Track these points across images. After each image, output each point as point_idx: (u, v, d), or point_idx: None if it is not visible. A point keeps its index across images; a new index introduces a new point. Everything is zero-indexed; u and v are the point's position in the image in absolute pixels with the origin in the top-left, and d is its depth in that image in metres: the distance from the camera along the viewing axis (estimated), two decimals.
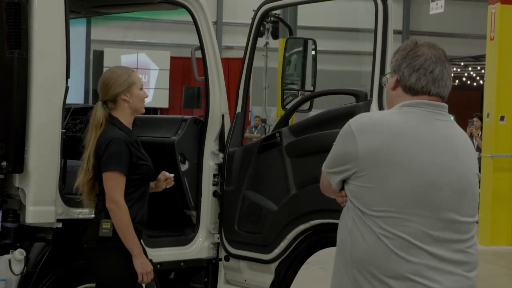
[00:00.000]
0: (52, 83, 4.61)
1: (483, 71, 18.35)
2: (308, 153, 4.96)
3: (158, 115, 15.22)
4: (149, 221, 5.14)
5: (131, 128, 4.31)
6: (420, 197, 2.89)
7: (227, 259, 5.47)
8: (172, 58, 23.70)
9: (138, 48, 23.61)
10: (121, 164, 4.00)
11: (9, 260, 4.48)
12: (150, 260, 4.38)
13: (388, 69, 4.67)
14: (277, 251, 5.13)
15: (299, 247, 5.13)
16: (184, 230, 5.55)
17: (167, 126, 5.85)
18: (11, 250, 4.54)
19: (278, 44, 19.17)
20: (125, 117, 4.23)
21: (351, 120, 3.08)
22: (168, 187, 4.66)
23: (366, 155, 2.93)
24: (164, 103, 23.06)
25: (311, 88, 5.66)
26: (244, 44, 5.69)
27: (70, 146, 4.80)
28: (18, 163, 4.48)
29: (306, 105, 5.56)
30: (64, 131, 4.77)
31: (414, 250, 2.88)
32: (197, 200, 5.52)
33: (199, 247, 5.47)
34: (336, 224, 4.69)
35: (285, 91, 5.61)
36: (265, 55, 19.92)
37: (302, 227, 5.00)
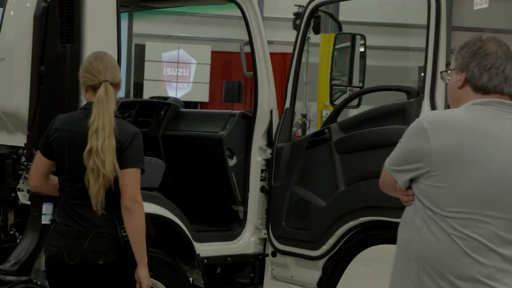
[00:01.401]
0: None
1: None
2: (358, 149, 4.94)
3: (206, 110, 15.20)
4: (196, 215, 5.20)
5: None
6: (495, 197, 2.83)
7: (274, 255, 5.47)
8: (212, 52, 23.73)
9: (179, 42, 23.68)
10: (143, 161, 3.73)
11: None
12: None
13: (441, 65, 4.69)
14: (325, 248, 5.11)
15: (348, 244, 5.10)
16: (231, 225, 5.57)
17: (215, 120, 5.86)
18: None
19: (319, 39, 19.11)
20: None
21: (421, 117, 3.01)
22: None
23: (440, 154, 2.87)
24: (204, 97, 23.10)
25: (359, 84, 5.64)
26: (285, 39, 5.69)
27: None
28: None
29: (354, 101, 5.51)
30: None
31: (486, 252, 2.84)
32: (244, 195, 5.52)
33: (246, 242, 5.48)
34: (386, 222, 4.72)
35: (333, 87, 5.56)
36: (306, 50, 19.87)
37: (350, 224, 4.97)
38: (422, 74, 4.96)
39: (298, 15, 19.00)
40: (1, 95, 4.71)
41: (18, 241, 4.71)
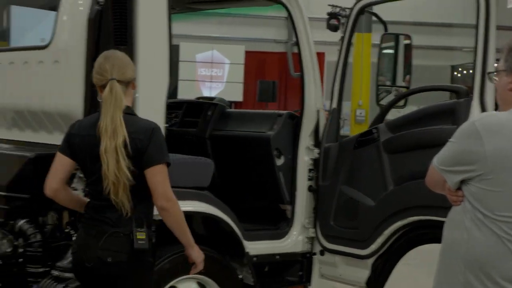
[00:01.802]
0: (155, 78, 4.65)
1: None
2: (407, 149, 4.94)
3: (252, 110, 15.15)
4: (244, 214, 5.22)
5: None
6: None
7: (322, 253, 5.49)
8: (246, 52, 23.73)
9: (213, 42, 23.71)
10: (168, 156, 3.59)
11: None
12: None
13: (490, 65, 4.67)
14: (374, 247, 5.13)
15: (397, 243, 5.10)
16: (278, 224, 5.58)
17: (262, 121, 5.87)
18: None
19: (353, 39, 19.06)
20: (131, 106, 3.80)
21: (474, 119, 3.00)
22: None
23: (494, 157, 2.85)
24: (238, 96, 23.07)
25: (403, 84, 5.63)
26: (319, 39, 5.67)
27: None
28: None
29: (400, 101, 5.52)
30: (167, 125, 4.83)
31: None
32: (292, 194, 5.53)
33: (294, 241, 5.50)
34: (436, 221, 4.70)
35: (379, 87, 5.56)
36: (338, 50, 19.77)
37: (399, 223, 4.98)
38: (457, 73, 4.96)
39: (332, 15, 18.94)
40: (55, 96, 4.74)
41: (73, 238, 4.61)
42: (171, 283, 4.83)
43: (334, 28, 20.04)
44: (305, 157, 5.50)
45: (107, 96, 3.54)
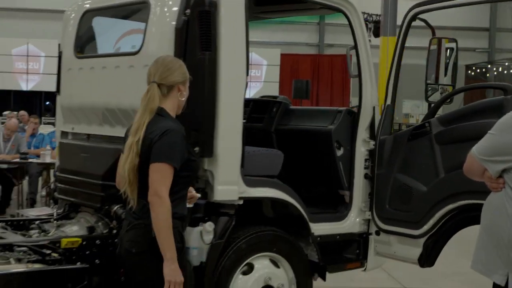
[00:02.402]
0: (235, 80, 4.64)
1: None
2: (458, 141, 4.84)
3: (312, 107, 14.74)
4: (307, 200, 5.19)
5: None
6: None
7: (377, 233, 5.45)
8: (282, 54, 23.68)
9: (251, 45, 23.67)
10: (173, 157, 3.34)
11: (200, 232, 4.54)
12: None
13: None
14: (426, 228, 5.07)
15: (447, 224, 5.05)
16: (338, 208, 5.54)
17: (323, 116, 5.81)
18: (200, 223, 4.59)
19: (379, 41, 18.88)
20: (172, 109, 3.57)
21: None
22: (189, 205, 3.84)
23: None
24: (274, 94, 23.10)
25: (451, 83, 5.56)
26: (345, 42, 5.56)
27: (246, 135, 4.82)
28: (209, 149, 4.54)
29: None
30: (245, 121, 4.83)
31: None
32: (350, 181, 5.49)
33: (352, 222, 5.46)
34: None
35: (427, 85, 5.48)
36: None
37: (450, 206, 4.92)
38: (471, 71, 4.88)
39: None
40: None
41: None
42: (247, 260, 4.80)
43: None
44: (361, 148, 5.46)
45: (143, 98, 3.48)
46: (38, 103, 24.18)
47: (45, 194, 11.65)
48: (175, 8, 4.61)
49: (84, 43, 5.62)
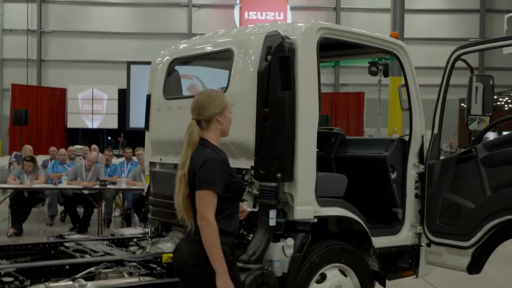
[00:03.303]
0: (310, 114, 4.54)
1: None
2: (503, 163, 4.73)
3: (367, 137, 14.24)
4: (366, 216, 5.04)
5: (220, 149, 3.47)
6: None
7: (428, 245, 5.29)
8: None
9: None
10: (214, 183, 3.19)
11: (282, 246, 4.44)
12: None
13: None
14: (474, 240, 4.92)
15: (493, 236, 4.88)
16: (392, 224, 5.40)
17: (378, 144, 5.69)
18: (281, 239, 4.48)
19: (388, 80, 18.81)
20: (215, 137, 3.40)
21: None
22: (241, 218, 3.66)
23: None
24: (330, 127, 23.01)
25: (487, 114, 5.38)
26: (356, 81, 5.37)
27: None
28: (289, 175, 4.43)
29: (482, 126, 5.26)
30: (318, 150, 4.72)
31: None
32: (402, 200, 5.34)
33: (405, 236, 5.31)
34: None
35: (469, 116, 5.28)
36: (378, 90, 19.59)
37: (497, 221, 4.77)
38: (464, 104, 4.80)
39: (372, 63, 18.79)
40: (231, 131, 4.68)
41: (245, 239, 4.61)
42: (321, 271, 4.67)
43: (374, 73, 19.98)
44: (412, 172, 5.30)
45: (185, 134, 3.34)
46: (101, 138, 24.31)
47: (119, 215, 11.63)
48: (257, 54, 4.57)
49: (171, 87, 5.56)
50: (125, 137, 22.74)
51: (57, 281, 3.88)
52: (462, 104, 25.73)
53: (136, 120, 23.73)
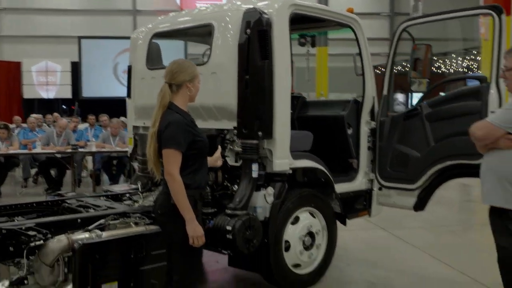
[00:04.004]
0: (285, 80, 4.56)
1: None
2: (444, 118, 4.88)
3: (324, 99, 14.05)
4: (329, 167, 5.09)
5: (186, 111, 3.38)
6: None
7: (380, 189, 5.45)
8: None
9: None
10: (178, 143, 3.14)
11: (264, 195, 4.53)
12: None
13: (501, 64, 4.47)
14: (419, 183, 5.09)
15: (436, 180, 5.06)
16: (349, 172, 5.53)
17: (336, 105, 5.78)
18: (262, 188, 4.56)
19: (315, 51, 18.95)
20: (183, 102, 3.34)
21: None
22: (218, 165, 3.78)
23: None
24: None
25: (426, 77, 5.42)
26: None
27: None
28: (269, 133, 4.49)
29: (422, 87, 5.29)
30: (292, 111, 4.76)
31: None
32: (357, 152, 5.48)
33: (360, 182, 5.47)
34: (465, 164, 4.67)
35: (411, 79, 5.25)
36: (307, 59, 19.67)
37: (439, 166, 4.94)
38: (378, 70, 4.88)
39: (301, 35, 18.89)
40: (214, 97, 4.66)
41: (230, 190, 4.67)
42: (295, 214, 4.77)
43: (302, 44, 20.07)
44: (365, 128, 5.43)
45: (158, 95, 3.32)
46: (57, 108, 23.53)
47: (87, 175, 11.45)
48: (236, 28, 4.55)
49: (153, 58, 5.47)
50: (79, 106, 22.31)
51: (74, 233, 3.83)
52: (376, 71, 26.29)
53: (89, 90, 23.24)
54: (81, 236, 3.72)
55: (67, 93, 23.49)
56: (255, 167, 4.52)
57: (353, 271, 5.50)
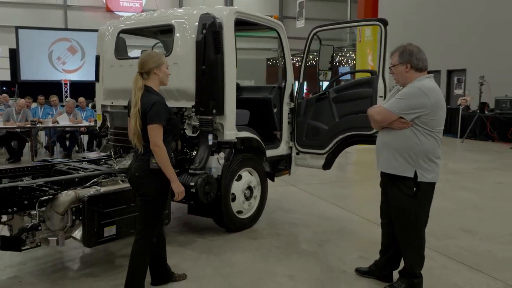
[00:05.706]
0: (232, 70, 4.74)
1: None
2: (346, 101, 5.18)
3: (256, 85, 13.54)
4: (261, 138, 5.28)
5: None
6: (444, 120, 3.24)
7: (297, 154, 5.70)
8: None
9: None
10: (161, 118, 3.12)
11: (217, 158, 4.77)
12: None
13: (387, 63, 4.78)
14: (327, 149, 5.38)
15: (339, 146, 5.36)
16: (274, 141, 5.73)
17: (264, 90, 5.96)
18: (215, 153, 4.79)
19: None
20: (155, 86, 3.28)
21: (418, 85, 3.12)
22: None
23: (434, 104, 3.11)
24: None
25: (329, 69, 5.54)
26: None
27: None
28: (221, 110, 4.69)
29: (326, 77, 5.50)
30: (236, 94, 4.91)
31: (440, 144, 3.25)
32: (280, 126, 5.70)
33: (282, 149, 5.70)
34: (361, 134, 4.96)
35: (319, 71, 5.48)
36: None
37: (341, 136, 5.25)
38: (270, 62, 5.21)
39: None
40: (175, 82, 4.68)
41: (189, 155, 4.78)
42: (238, 173, 4.99)
43: None
44: (286, 107, 5.65)
45: (133, 82, 3.25)
46: None
47: (41, 147, 11.05)
48: (192, 28, 4.69)
49: (120, 50, 5.53)
50: (18, 88, 21.13)
51: (76, 189, 3.90)
52: (269, 62, 26.58)
53: (26, 74, 22.01)
54: (85, 190, 3.85)
55: (7, 76, 22.06)
56: (210, 137, 4.73)
57: (278, 215, 5.86)
